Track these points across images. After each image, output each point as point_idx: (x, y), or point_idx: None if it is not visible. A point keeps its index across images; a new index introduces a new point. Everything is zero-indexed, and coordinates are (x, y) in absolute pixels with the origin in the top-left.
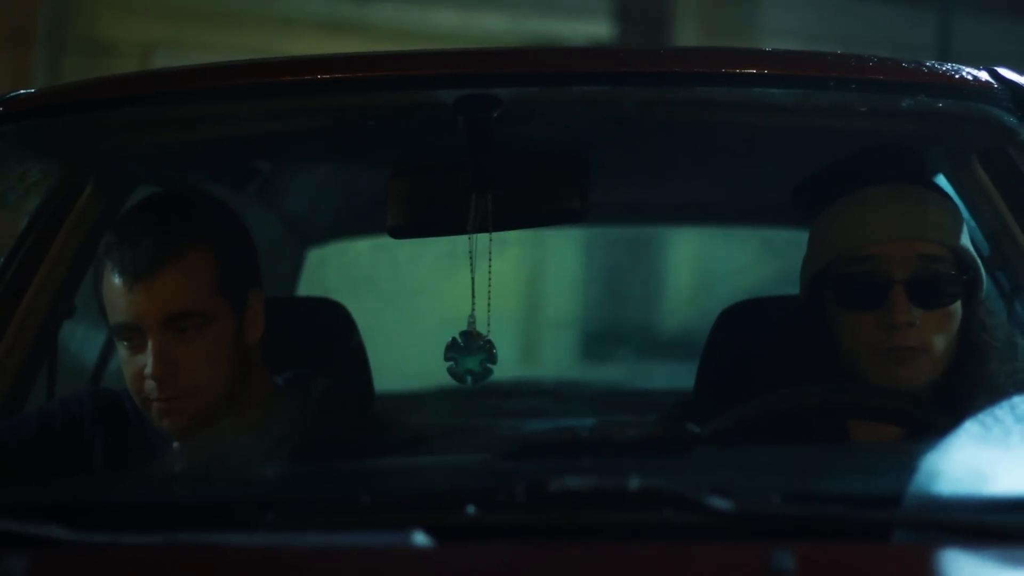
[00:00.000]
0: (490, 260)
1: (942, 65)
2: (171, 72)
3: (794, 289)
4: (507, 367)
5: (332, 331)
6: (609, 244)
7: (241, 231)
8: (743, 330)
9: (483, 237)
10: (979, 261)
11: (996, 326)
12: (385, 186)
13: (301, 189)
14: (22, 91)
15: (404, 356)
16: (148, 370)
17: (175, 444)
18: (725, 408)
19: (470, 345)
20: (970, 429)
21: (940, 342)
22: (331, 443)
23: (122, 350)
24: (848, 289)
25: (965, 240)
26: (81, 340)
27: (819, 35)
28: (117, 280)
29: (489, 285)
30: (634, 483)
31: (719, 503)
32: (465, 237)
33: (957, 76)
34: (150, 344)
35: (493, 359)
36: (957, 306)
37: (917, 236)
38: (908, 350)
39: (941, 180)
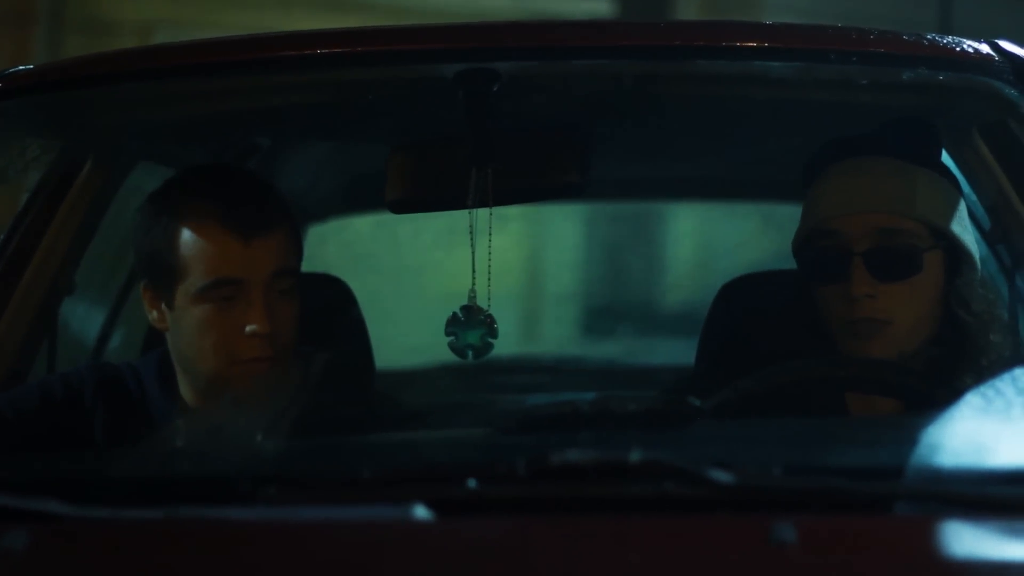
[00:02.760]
0: (490, 235)
1: (943, 38)
2: (171, 48)
3: (793, 264)
4: (508, 343)
5: (333, 307)
6: (610, 219)
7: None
8: (744, 304)
9: (484, 212)
10: (963, 240)
11: (981, 302)
12: (385, 161)
13: (300, 165)
14: (21, 67)
15: (405, 332)
16: (254, 327)
17: (177, 419)
18: (726, 382)
19: (471, 319)
20: (971, 402)
21: (907, 314)
22: (332, 418)
23: (204, 313)
24: (815, 263)
25: (944, 216)
26: (81, 317)
27: (819, 11)
28: (226, 234)
29: (489, 260)
30: (635, 456)
31: (720, 476)
32: (465, 212)
33: (958, 49)
34: (256, 300)
35: (494, 333)
36: (927, 278)
37: (876, 208)
38: (871, 322)
39: (937, 154)
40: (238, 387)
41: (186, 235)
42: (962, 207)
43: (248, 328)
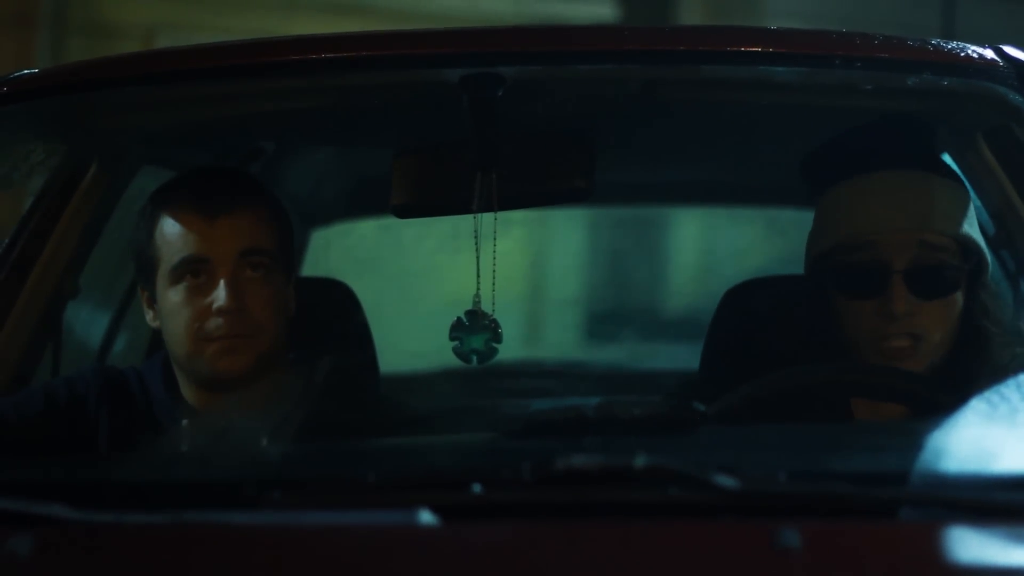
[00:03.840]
0: (495, 239)
1: (947, 43)
2: (175, 51)
3: (799, 269)
4: (512, 347)
5: (337, 311)
6: (614, 224)
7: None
8: (748, 309)
9: (488, 217)
10: (984, 247)
11: (999, 309)
12: (390, 166)
13: (305, 169)
14: (25, 71)
15: (409, 336)
16: (220, 303)
17: (182, 422)
18: (731, 387)
19: (475, 325)
20: (976, 408)
21: (939, 331)
22: (337, 422)
23: (177, 295)
24: (848, 276)
25: (970, 227)
26: (86, 320)
27: (823, 16)
28: (192, 215)
29: (494, 265)
30: (640, 461)
31: (725, 481)
32: (470, 217)
33: (962, 54)
34: (222, 278)
35: (498, 338)
36: (958, 295)
37: (919, 226)
38: (906, 340)
39: (948, 161)
40: (214, 368)
41: (161, 224)
42: (975, 216)
43: (215, 304)
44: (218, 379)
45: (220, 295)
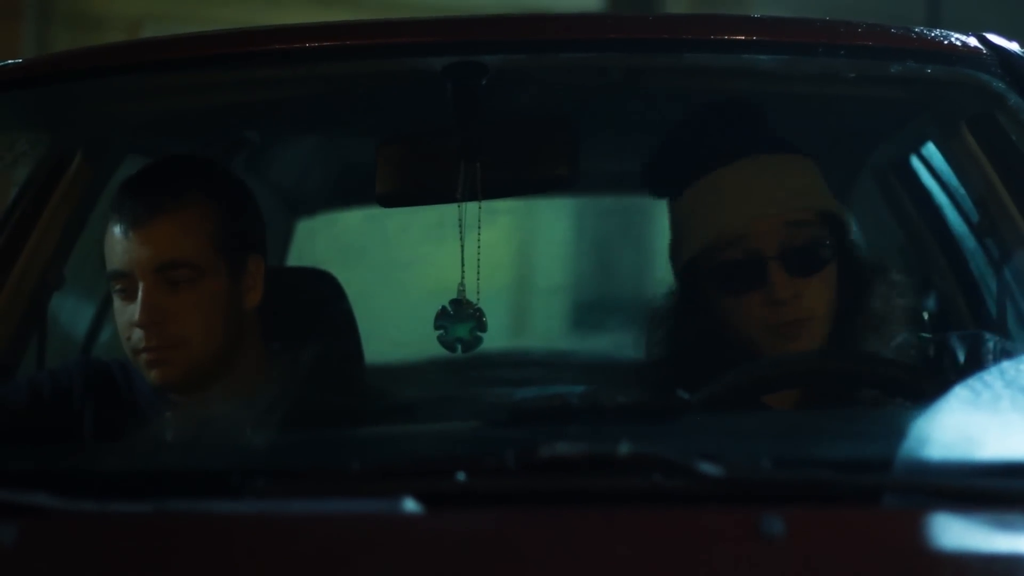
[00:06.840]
0: (479, 228)
1: (931, 31)
2: (160, 41)
3: None
4: (497, 337)
5: (322, 301)
6: (599, 213)
7: (247, 198)
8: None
9: (472, 206)
10: (842, 213)
11: (868, 266)
12: (374, 155)
13: (289, 159)
14: (9, 61)
15: (394, 326)
16: (134, 318)
17: (166, 412)
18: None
19: (460, 313)
20: (959, 395)
21: (824, 305)
22: (321, 411)
23: (116, 301)
24: (726, 275)
25: (825, 197)
26: (71, 311)
27: (807, 6)
28: (116, 229)
29: (478, 254)
30: (624, 449)
31: (709, 468)
32: (454, 206)
33: (946, 42)
34: (140, 292)
35: (483, 327)
36: (832, 266)
37: (782, 209)
38: (796, 322)
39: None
40: (149, 378)
41: (106, 231)
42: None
43: (133, 318)
44: (158, 390)
45: (135, 310)
